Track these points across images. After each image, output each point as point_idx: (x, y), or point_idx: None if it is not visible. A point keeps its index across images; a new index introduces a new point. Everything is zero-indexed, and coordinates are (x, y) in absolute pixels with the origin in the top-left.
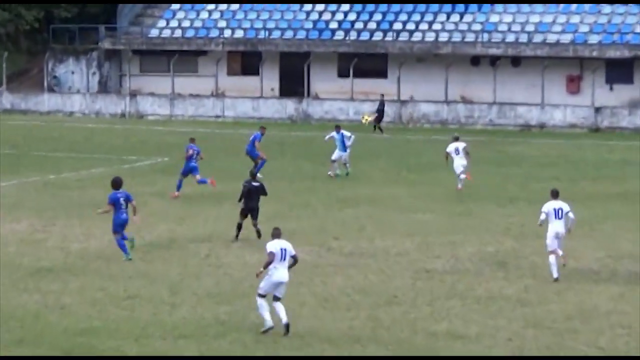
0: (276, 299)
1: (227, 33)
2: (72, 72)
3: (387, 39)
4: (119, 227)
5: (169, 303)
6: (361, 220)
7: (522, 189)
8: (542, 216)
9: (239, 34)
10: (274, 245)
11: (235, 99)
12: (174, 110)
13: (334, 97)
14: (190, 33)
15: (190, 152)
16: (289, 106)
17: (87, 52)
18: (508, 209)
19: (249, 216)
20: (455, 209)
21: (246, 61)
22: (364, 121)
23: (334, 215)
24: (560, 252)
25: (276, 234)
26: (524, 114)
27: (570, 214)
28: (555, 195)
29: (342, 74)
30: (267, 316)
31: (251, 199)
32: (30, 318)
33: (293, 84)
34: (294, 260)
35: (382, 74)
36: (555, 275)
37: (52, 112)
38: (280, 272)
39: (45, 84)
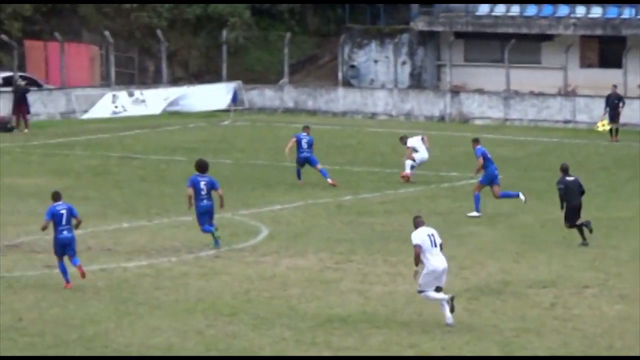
0: (438, 289)
1: (581, 11)
2: (375, 61)
3: None
4: (202, 215)
5: None
6: None
7: None
8: None
9: (596, 12)
10: (419, 235)
11: (591, 98)
12: (509, 112)
13: None
14: (531, 11)
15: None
16: None
17: (395, 35)
18: None
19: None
20: None
21: (605, 49)
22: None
23: None
24: None
25: (419, 221)
26: None
27: None
28: None
29: None
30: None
31: (572, 198)
32: None
33: None
34: (440, 247)
35: None
36: None
37: (349, 113)
38: (435, 260)
39: (340, 75)
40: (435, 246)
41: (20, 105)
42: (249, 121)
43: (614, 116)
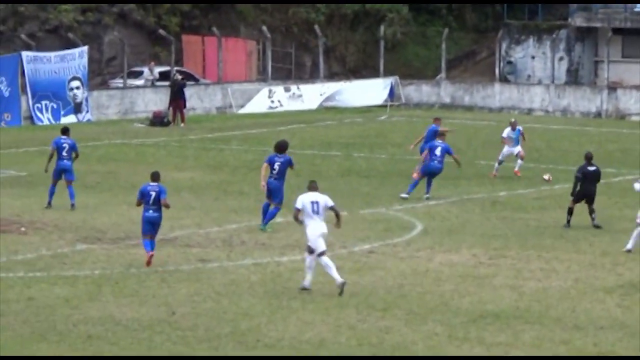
0: (319, 254)
1: None
2: (532, 57)
3: None
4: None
5: None
6: None
7: None
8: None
9: None
10: (302, 200)
11: None
12: None
13: None
14: None
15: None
16: None
17: (553, 31)
18: None
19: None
20: None
21: None
22: None
23: None
24: None
25: (312, 186)
26: None
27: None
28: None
29: None
30: (308, 276)
31: (588, 187)
32: None
33: None
34: (335, 212)
35: None
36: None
37: (505, 108)
38: (313, 225)
39: (497, 71)
40: (317, 213)
41: (177, 100)
42: (405, 116)
43: None
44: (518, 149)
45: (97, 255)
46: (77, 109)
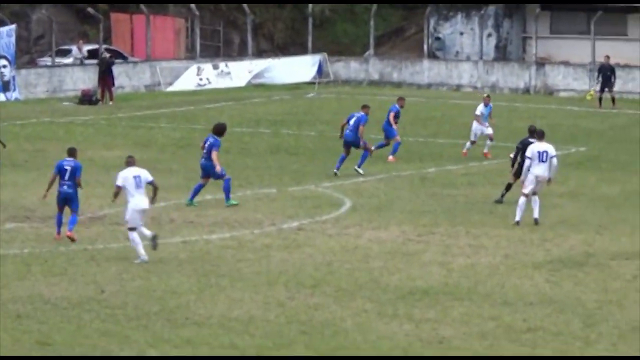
0: (130, 229)
1: None
2: (461, 33)
3: None
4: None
5: (581, 338)
6: None
7: None
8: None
9: None
10: (123, 175)
11: None
12: (594, 84)
13: None
14: None
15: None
16: None
17: (481, 7)
18: None
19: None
20: None
21: None
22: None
23: None
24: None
25: (130, 162)
26: None
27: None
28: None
29: None
30: (140, 250)
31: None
32: (398, 353)
33: None
34: (154, 186)
35: None
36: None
37: (434, 85)
38: (137, 200)
39: (426, 48)
40: (140, 187)
41: (105, 78)
42: (334, 93)
43: (607, 86)
44: (489, 130)
45: (26, 234)
46: (5, 87)
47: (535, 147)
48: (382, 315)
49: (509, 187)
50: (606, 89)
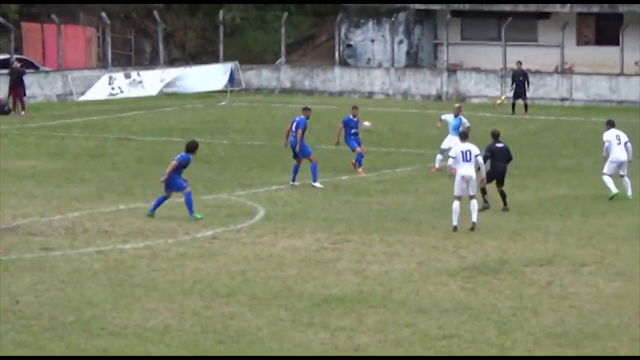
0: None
1: None
2: (372, 40)
3: None
4: None
5: (496, 345)
6: None
7: None
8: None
9: None
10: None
11: (588, 76)
12: (506, 91)
13: None
14: None
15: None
16: None
17: (392, 14)
18: None
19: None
20: None
21: (602, 27)
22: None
23: None
24: None
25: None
26: None
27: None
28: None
29: None
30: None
31: (498, 163)
32: None
33: None
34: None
35: None
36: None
37: (346, 92)
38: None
39: (337, 55)
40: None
41: (17, 88)
42: (246, 102)
43: (520, 93)
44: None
45: None
46: None
47: (459, 147)
48: (297, 324)
49: (483, 191)
50: (519, 99)
